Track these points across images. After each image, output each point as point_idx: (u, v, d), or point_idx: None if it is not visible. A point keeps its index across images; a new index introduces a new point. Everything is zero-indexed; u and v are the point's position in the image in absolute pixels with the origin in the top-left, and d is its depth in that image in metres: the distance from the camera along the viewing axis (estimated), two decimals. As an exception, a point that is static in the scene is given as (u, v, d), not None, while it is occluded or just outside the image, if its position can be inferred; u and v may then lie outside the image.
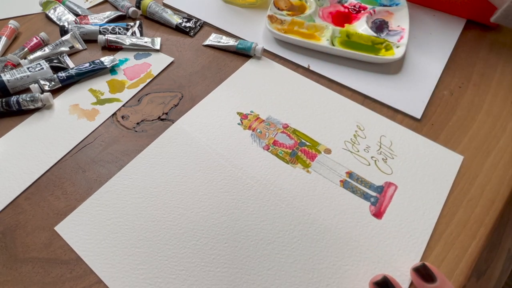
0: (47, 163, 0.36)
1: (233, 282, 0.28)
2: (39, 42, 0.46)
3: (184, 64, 0.45)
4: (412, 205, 0.32)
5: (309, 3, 0.51)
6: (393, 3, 0.51)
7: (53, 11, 0.51)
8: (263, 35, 0.48)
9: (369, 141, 0.37)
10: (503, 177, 0.34)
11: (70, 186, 0.34)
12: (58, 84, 0.42)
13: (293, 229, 0.31)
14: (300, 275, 0.29)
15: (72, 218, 0.32)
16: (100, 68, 0.43)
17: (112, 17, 0.51)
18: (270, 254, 0.30)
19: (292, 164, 0.35)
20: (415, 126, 0.38)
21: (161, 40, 0.48)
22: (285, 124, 0.38)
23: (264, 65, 0.45)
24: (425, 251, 0.30)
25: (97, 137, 0.38)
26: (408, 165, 0.35)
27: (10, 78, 0.40)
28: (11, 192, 0.33)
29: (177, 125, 0.38)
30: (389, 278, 0.27)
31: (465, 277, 0.29)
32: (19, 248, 0.30)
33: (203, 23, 0.50)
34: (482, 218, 0.32)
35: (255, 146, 0.37)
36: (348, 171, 0.35)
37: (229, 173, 0.34)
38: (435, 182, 0.34)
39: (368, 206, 0.32)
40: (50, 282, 0.29)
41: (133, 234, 0.31)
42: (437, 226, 0.31)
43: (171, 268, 0.29)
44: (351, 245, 0.30)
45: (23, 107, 0.39)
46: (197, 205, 0.32)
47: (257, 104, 0.40)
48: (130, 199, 0.33)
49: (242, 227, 0.31)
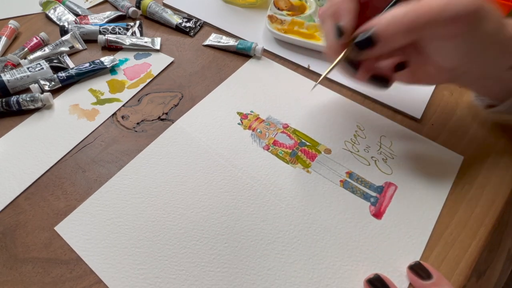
0: (47, 163, 0.36)
1: (233, 282, 0.28)
2: (39, 42, 0.46)
3: (184, 64, 0.45)
4: (412, 205, 0.32)
5: (309, 3, 0.51)
6: (393, 3, 0.51)
7: (53, 11, 0.51)
8: (263, 35, 0.48)
9: (369, 141, 0.37)
10: (503, 177, 0.34)
11: (70, 186, 0.34)
12: (58, 84, 0.42)
13: (293, 229, 0.31)
14: (300, 275, 0.29)
15: (72, 218, 0.32)
16: (100, 68, 0.43)
17: (112, 17, 0.51)
18: (270, 254, 0.30)
19: (292, 164, 0.35)
20: (415, 126, 0.38)
21: (161, 40, 0.48)
22: (285, 124, 0.39)
23: (264, 65, 0.45)
24: (425, 251, 0.30)
25: (97, 137, 0.38)
26: (408, 165, 0.35)
27: (10, 78, 0.40)
28: (11, 192, 0.33)
29: (177, 125, 0.38)
30: (381, 275, 0.28)
31: (465, 277, 0.29)
32: (19, 248, 0.30)
33: (203, 23, 0.50)
34: (482, 218, 0.32)
35: (255, 146, 0.37)
36: (348, 171, 0.35)
37: (229, 173, 0.34)
38: (435, 182, 0.34)
39: (368, 206, 0.32)
40: (50, 282, 0.29)
41: (133, 234, 0.31)
42: (437, 226, 0.31)
43: (171, 268, 0.29)
44: (351, 245, 0.30)
45: (23, 107, 0.39)
46: (197, 205, 0.32)
47: (257, 104, 0.40)
48: (130, 199, 0.33)
49: (242, 227, 0.31)
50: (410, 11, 0.26)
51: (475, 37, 0.27)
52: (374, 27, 0.28)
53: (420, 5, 0.26)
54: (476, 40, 0.28)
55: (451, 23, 0.26)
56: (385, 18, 0.27)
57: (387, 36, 0.27)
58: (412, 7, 0.26)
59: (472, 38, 0.28)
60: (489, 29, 0.27)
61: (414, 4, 0.27)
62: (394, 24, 0.27)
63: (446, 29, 0.27)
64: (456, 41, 0.28)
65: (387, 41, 0.28)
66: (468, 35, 0.27)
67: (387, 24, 0.27)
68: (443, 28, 0.27)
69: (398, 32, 0.27)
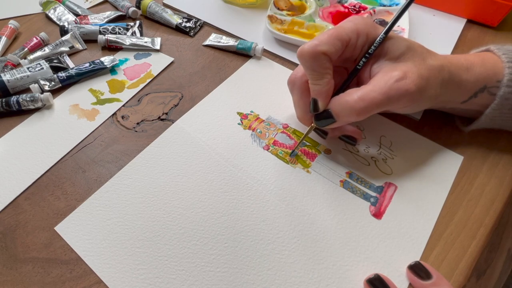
0: (47, 163, 0.36)
1: (233, 282, 0.28)
2: (39, 42, 0.46)
3: (184, 64, 0.45)
4: (412, 205, 0.32)
5: (309, 3, 0.51)
6: (393, 3, 0.51)
7: (53, 11, 0.51)
8: (263, 35, 0.48)
9: (369, 141, 0.37)
10: (503, 177, 0.34)
11: (70, 186, 0.34)
12: (58, 84, 0.42)
13: (293, 229, 0.31)
14: (300, 275, 0.29)
15: (72, 218, 0.32)
16: (100, 68, 0.43)
17: (112, 17, 0.51)
18: (270, 254, 0.30)
19: (292, 164, 0.35)
20: (415, 126, 0.38)
21: (161, 40, 0.48)
22: (285, 124, 0.39)
23: (264, 65, 0.45)
24: (425, 251, 0.30)
25: (97, 137, 0.38)
26: (408, 165, 0.35)
27: (10, 78, 0.40)
28: (11, 192, 0.33)
29: (177, 125, 0.38)
30: (381, 276, 0.28)
31: (465, 277, 0.29)
32: (19, 248, 0.30)
33: (203, 23, 0.50)
34: (482, 218, 0.32)
35: (255, 146, 0.37)
36: (348, 171, 0.35)
37: (229, 173, 0.34)
38: (435, 182, 0.34)
39: (368, 206, 0.32)
40: (50, 282, 0.29)
41: (133, 234, 0.31)
42: (437, 226, 0.31)
43: (171, 268, 0.29)
44: (351, 245, 0.30)
45: (23, 107, 0.39)
46: (197, 205, 0.32)
47: (257, 104, 0.40)
48: (130, 199, 0.33)
49: (242, 227, 0.31)
50: (359, 99, 0.29)
51: (423, 101, 0.32)
52: (330, 109, 0.31)
53: (367, 92, 0.29)
54: (426, 101, 0.32)
55: (396, 102, 0.30)
56: (339, 102, 0.31)
57: (342, 118, 0.31)
58: (361, 95, 0.30)
59: (421, 103, 0.32)
60: (433, 93, 0.31)
61: (363, 90, 0.30)
62: (348, 109, 0.30)
63: (393, 106, 0.30)
64: (407, 108, 0.32)
65: (343, 121, 0.31)
66: (416, 103, 0.31)
67: (341, 108, 0.31)
68: (391, 106, 0.30)
69: (351, 116, 0.30)
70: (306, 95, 0.33)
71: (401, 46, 0.31)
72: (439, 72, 0.31)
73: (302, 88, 0.33)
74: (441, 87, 0.31)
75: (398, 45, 0.31)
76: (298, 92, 0.34)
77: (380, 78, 0.30)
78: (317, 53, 0.30)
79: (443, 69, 0.31)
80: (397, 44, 0.31)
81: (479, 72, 0.32)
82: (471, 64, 0.32)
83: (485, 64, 0.32)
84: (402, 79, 0.29)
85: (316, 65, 0.30)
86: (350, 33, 0.31)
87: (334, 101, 0.31)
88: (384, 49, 0.31)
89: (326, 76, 0.31)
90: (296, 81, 0.34)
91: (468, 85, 0.32)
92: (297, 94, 0.34)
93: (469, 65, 0.32)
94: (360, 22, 0.32)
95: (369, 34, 0.31)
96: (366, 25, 0.32)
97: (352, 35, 0.31)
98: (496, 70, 0.32)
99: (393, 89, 0.29)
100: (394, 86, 0.29)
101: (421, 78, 0.29)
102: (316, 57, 0.30)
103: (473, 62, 0.32)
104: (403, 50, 0.31)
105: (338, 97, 0.31)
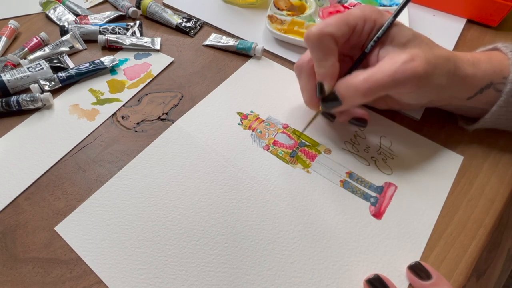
0: (47, 163, 0.36)
1: (233, 282, 0.28)
2: (39, 42, 0.46)
3: (184, 64, 0.45)
4: (412, 205, 0.32)
5: (309, 3, 0.51)
6: (393, 3, 0.51)
7: (53, 11, 0.51)
8: (263, 35, 0.48)
9: (369, 141, 0.37)
10: (503, 177, 0.34)
11: (70, 186, 0.34)
12: (58, 84, 0.42)
13: (293, 229, 0.31)
14: (300, 275, 0.29)
15: (72, 218, 0.32)
16: (100, 68, 0.43)
17: (112, 17, 0.51)
18: (270, 254, 0.30)
19: (292, 164, 0.35)
20: (415, 126, 0.38)
21: (161, 40, 0.48)
22: (285, 124, 0.39)
23: (264, 65, 0.45)
24: (425, 251, 0.30)
25: (97, 137, 0.38)
26: (408, 165, 0.35)
27: (10, 78, 0.40)
28: (11, 192, 0.33)
29: (177, 125, 0.38)
30: (381, 276, 0.28)
31: (465, 277, 0.29)
32: (19, 248, 0.30)
33: (203, 23, 0.50)
34: (482, 218, 0.32)
35: (255, 146, 0.37)
36: (348, 171, 0.35)
37: (229, 173, 0.34)
38: (435, 182, 0.34)
39: (368, 206, 0.32)
40: (50, 282, 0.29)
41: (133, 234, 0.31)
42: (437, 226, 0.31)
43: (171, 268, 0.29)
44: (351, 245, 0.30)
45: (23, 107, 0.39)
46: (197, 205, 0.32)
47: (257, 104, 0.40)
48: (130, 199, 0.33)
49: (242, 227, 0.31)
50: (364, 80, 0.30)
51: (429, 89, 0.31)
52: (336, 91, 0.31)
53: (373, 73, 0.29)
54: (431, 90, 0.31)
55: (402, 86, 0.30)
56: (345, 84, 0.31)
57: (348, 99, 0.31)
58: (366, 76, 0.30)
59: (426, 92, 0.31)
60: (440, 82, 0.30)
61: (369, 72, 0.30)
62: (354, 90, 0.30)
63: (399, 89, 0.30)
64: (413, 94, 0.31)
65: (349, 102, 0.31)
66: (422, 90, 0.31)
67: (346, 89, 0.31)
68: (396, 89, 0.30)
69: (357, 97, 0.30)
70: (313, 79, 0.33)
71: (408, 34, 0.31)
72: (446, 61, 0.31)
73: (309, 72, 0.34)
74: (447, 78, 0.31)
75: (404, 32, 0.31)
76: (305, 76, 0.34)
77: (387, 61, 0.30)
78: (324, 34, 0.30)
79: (449, 60, 0.31)
80: (403, 31, 0.31)
81: (485, 68, 0.32)
82: (478, 60, 0.32)
83: (491, 61, 0.32)
84: (410, 62, 0.29)
85: (322, 46, 0.31)
86: (357, 18, 0.31)
87: (339, 83, 0.31)
88: (390, 35, 0.31)
89: (331, 58, 0.31)
90: (303, 65, 0.34)
91: (474, 81, 0.32)
92: (304, 78, 0.34)
93: (475, 61, 0.32)
94: (367, 9, 0.32)
95: (377, 20, 0.32)
96: (373, 11, 0.32)
97: (359, 21, 0.31)
98: (503, 67, 0.32)
99: (399, 71, 0.29)
100: (401, 67, 0.29)
101: (428, 63, 0.29)
102: (323, 38, 0.30)
103: (480, 59, 0.33)
104: (409, 38, 0.31)
105: (343, 79, 0.31)
